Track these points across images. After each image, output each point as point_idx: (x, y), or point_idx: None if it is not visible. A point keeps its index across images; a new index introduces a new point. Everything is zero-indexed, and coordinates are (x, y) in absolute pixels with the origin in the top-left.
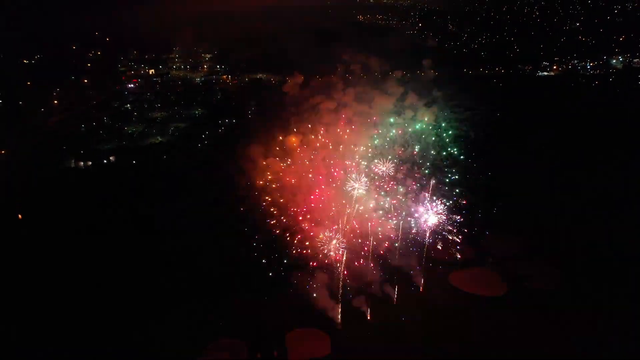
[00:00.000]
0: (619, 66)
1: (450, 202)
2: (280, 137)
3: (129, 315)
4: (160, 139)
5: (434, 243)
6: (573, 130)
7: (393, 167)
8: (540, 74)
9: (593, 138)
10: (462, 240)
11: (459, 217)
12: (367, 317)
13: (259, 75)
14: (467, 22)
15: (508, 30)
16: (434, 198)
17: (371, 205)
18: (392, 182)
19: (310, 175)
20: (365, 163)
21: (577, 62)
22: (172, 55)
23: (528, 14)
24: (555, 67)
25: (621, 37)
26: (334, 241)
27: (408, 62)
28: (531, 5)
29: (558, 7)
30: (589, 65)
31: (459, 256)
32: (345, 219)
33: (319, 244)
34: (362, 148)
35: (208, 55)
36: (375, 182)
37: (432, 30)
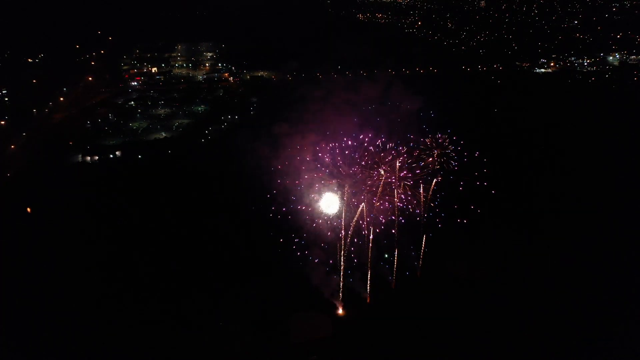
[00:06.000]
0: (616, 63)
1: None
2: None
3: (141, 303)
4: (164, 135)
5: None
6: (569, 125)
7: None
8: (537, 70)
9: (589, 133)
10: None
11: None
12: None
13: (260, 73)
14: (466, 19)
15: (506, 27)
16: None
17: None
18: None
19: None
20: None
21: (575, 59)
22: (175, 54)
23: (526, 11)
24: (552, 64)
25: (618, 35)
26: None
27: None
28: (529, 3)
29: (556, 4)
30: (586, 62)
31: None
32: None
33: None
34: None
35: (210, 54)
36: None
37: (431, 27)
